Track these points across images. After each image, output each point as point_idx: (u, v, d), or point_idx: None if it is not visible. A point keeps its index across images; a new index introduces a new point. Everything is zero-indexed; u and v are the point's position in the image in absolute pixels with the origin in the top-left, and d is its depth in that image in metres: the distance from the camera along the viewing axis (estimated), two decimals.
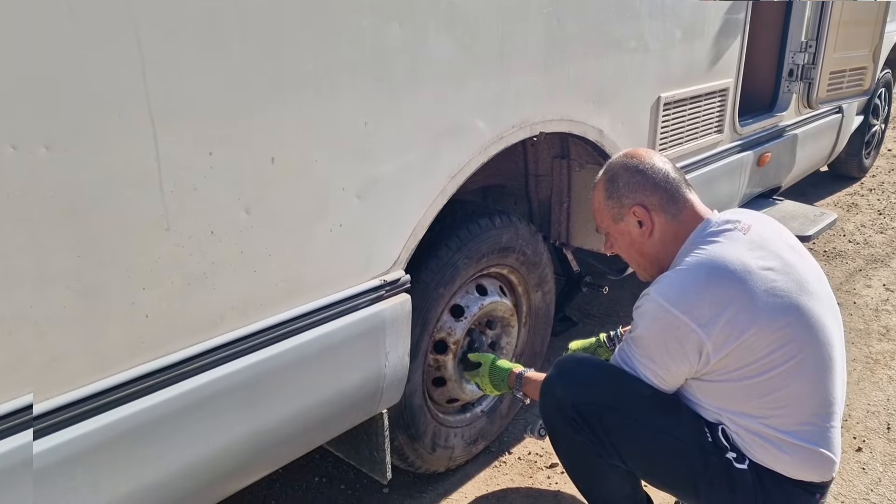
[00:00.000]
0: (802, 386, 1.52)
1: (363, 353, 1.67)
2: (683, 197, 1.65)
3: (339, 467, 2.33)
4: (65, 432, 1.17)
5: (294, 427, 1.57)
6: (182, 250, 1.27)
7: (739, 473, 1.55)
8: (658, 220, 1.64)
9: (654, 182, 1.64)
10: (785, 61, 3.43)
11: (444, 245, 1.96)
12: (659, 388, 1.60)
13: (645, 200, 1.64)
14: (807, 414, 1.53)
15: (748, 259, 1.51)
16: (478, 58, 1.73)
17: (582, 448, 1.67)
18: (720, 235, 1.57)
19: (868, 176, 5.63)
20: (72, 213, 1.11)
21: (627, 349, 1.63)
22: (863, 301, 3.53)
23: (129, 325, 1.23)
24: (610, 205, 1.68)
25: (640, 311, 1.58)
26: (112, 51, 1.11)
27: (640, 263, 1.74)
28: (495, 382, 1.99)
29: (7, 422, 1.09)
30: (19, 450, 1.10)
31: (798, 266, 1.56)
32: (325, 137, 1.45)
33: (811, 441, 1.53)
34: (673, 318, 1.50)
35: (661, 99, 2.49)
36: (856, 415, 2.61)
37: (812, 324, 1.52)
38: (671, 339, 1.52)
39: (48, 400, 1.14)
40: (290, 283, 1.47)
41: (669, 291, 1.52)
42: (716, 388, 1.55)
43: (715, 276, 1.50)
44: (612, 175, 1.69)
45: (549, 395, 1.72)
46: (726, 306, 1.47)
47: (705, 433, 1.57)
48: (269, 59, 1.31)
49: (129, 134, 1.15)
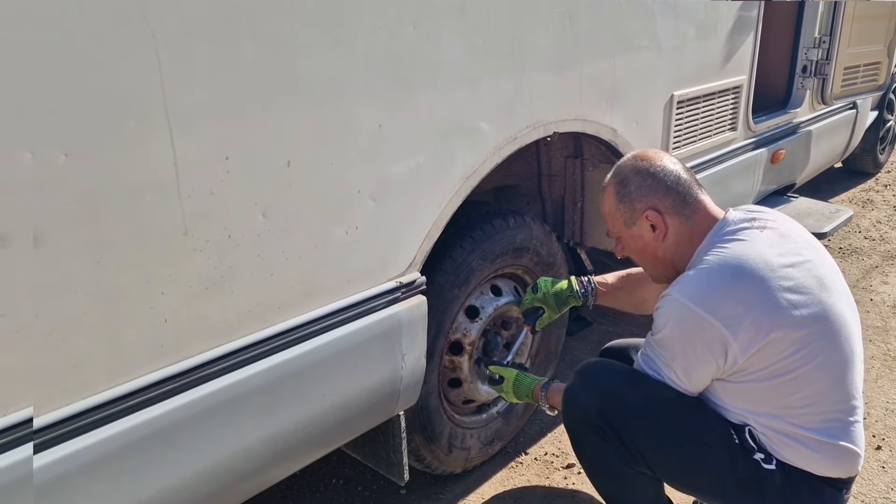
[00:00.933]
0: (826, 383, 1.50)
1: (380, 355, 1.67)
2: (696, 198, 1.62)
3: (356, 469, 2.33)
4: (87, 436, 1.17)
5: (312, 429, 1.57)
6: (200, 254, 1.27)
7: (768, 474, 1.53)
8: (672, 223, 1.62)
9: (665, 185, 1.61)
10: (798, 57, 3.41)
11: (458, 246, 1.96)
12: (684, 391, 1.58)
13: (657, 204, 1.61)
14: (831, 410, 1.52)
15: (770, 257, 1.49)
16: (491, 59, 1.73)
17: (608, 456, 1.65)
18: (739, 234, 1.55)
19: (883, 171, 5.58)
20: (91, 219, 1.12)
21: (651, 352, 1.61)
22: (880, 298, 3.50)
23: (148, 330, 1.23)
24: (622, 209, 1.65)
25: (661, 311, 1.55)
26: (129, 57, 1.11)
27: (653, 267, 1.72)
28: (519, 396, 1.99)
29: (21, 429, 1.10)
30: (27, 460, 1.11)
31: (816, 262, 1.55)
32: (340, 140, 1.45)
33: (836, 437, 1.51)
34: (698, 317, 1.47)
35: (674, 97, 2.47)
36: (875, 413, 2.59)
37: (833, 320, 1.51)
38: (697, 339, 1.49)
39: (70, 405, 1.15)
40: (307, 286, 1.47)
41: (693, 291, 1.50)
42: (741, 389, 1.54)
43: (739, 275, 1.48)
44: (622, 179, 1.65)
45: (572, 405, 1.70)
46: (751, 305, 1.45)
47: (732, 435, 1.56)
48: (283, 63, 1.32)
49: (147, 139, 1.16)
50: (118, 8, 1.09)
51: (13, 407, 1.09)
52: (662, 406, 1.58)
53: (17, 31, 0.99)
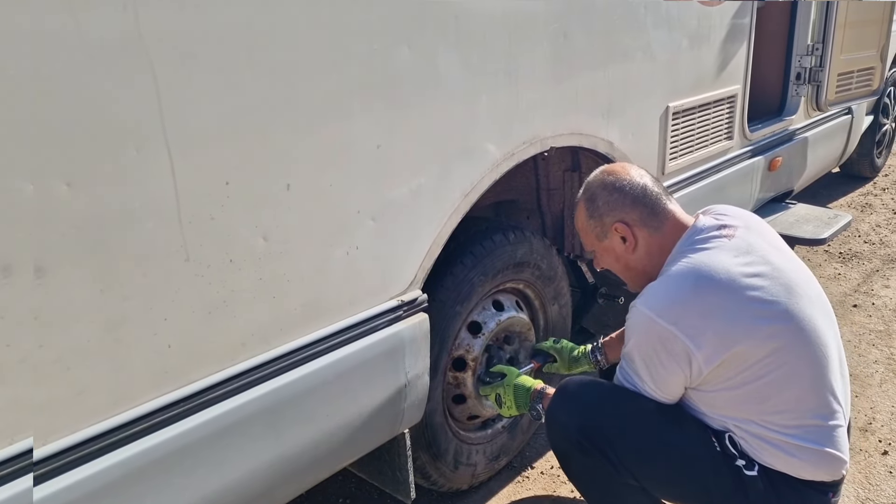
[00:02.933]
0: (799, 388, 1.52)
1: (383, 373, 1.67)
2: (664, 209, 1.66)
3: (362, 488, 2.32)
4: (94, 463, 1.18)
5: (317, 450, 1.57)
6: (202, 280, 1.28)
7: (751, 480, 1.55)
8: (641, 235, 1.65)
9: (632, 197, 1.65)
10: (792, 65, 3.43)
11: (459, 262, 1.96)
12: (660, 400, 1.60)
13: (625, 217, 1.65)
14: (808, 416, 1.53)
15: (734, 266, 1.51)
16: (486, 76, 1.74)
17: (594, 470, 1.66)
18: (707, 243, 1.57)
19: (881, 175, 5.60)
20: (93, 248, 1.13)
21: (625, 364, 1.64)
22: (881, 302, 3.50)
23: (152, 356, 1.24)
24: (592, 224, 1.70)
25: (629, 323, 1.60)
26: (128, 85, 1.12)
27: (629, 277, 1.76)
28: (518, 398, 1.98)
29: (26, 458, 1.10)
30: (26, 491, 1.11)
31: (785, 269, 1.56)
32: (339, 161, 1.46)
33: (816, 441, 1.52)
34: (661, 329, 1.50)
35: (669, 108, 2.49)
36: (880, 418, 2.58)
37: (803, 326, 1.52)
38: (662, 350, 1.52)
39: (76, 433, 1.15)
40: (309, 308, 1.48)
41: (655, 302, 1.53)
42: (714, 397, 1.56)
43: (701, 286, 1.50)
44: (590, 195, 1.70)
45: (554, 422, 1.73)
46: (714, 316, 1.48)
47: (713, 443, 1.57)
48: (281, 87, 1.33)
49: (147, 167, 1.17)
50: (116, 37, 1.10)
51: (16, 437, 1.09)
52: (642, 418, 1.60)
53: (17, 62, 1.00)
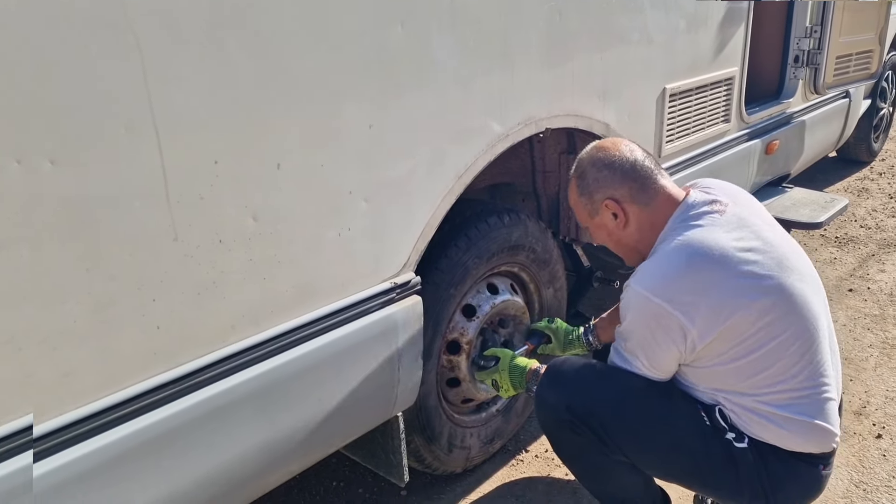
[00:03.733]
0: (791, 361, 1.52)
1: (376, 356, 1.66)
2: (655, 184, 1.64)
3: (356, 471, 2.32)
4: (82, 446, 1.16)
5: (309, 433, 1.56)
6: (191, 260, 1.26)
7: (740, 452, 1.56)
8: (631, 211, 1.64)
9: (622, 173, 1.63)
10: (790, 47, 3.40)
11: (453, 245, 1.95)
12: (653, 378, 1.60)
13: (615, 193, 1.64)
14: (799, 388, 1.54)
15: (727, 242, 1.51)
16: (481, 56, 1.72)
17: (584, 449, 1.67)
18: (699, 219, 1.57)
19: (878, 160, 5.59)
20: (79, 227, 1.11)
21: (619, 343, 1.65)
22: (877, 286, 3.50)
23: (140, 337, 1.22)
24: (583, 201, 1.69)
25: (623, 303, 1.60)
26: (114, 62, 1.10)
27: (622, 252, 1.76)
28: (514, 379, 1.98)
29: (20, 438, 1.09)
30: (23, 470, 1.10)
31: (776, 243, 1.56)
32: (331, 141, 1.44)
33: (806, 414, 1.53)
34: (655, 306, 1.50)
35: (666, 90, 2.47)
36: (875, 401, 2.58)
37: (794, 300, 1.52)
38: (657, 327, 1.52)
39: (63, 415, 1.14)
40: (300, 290, 1.46)
41: (649, 281, 1.53)
42: (707, 372, 1.57)
43: (694, 263, 1.50)
44: (581, 172, 1.69)
45: (542, 403, 1.73)
46: (707, 292, 1.48)
47: (702, 418, 1.58)
48: (271, 65, 1.30)
49: (134, 145, 1.14)
50: (102, 13, 1.07)
51: (7, 417, 1.08)
52: (629, 395, 1.61)
53: (1, 39, 0.98)
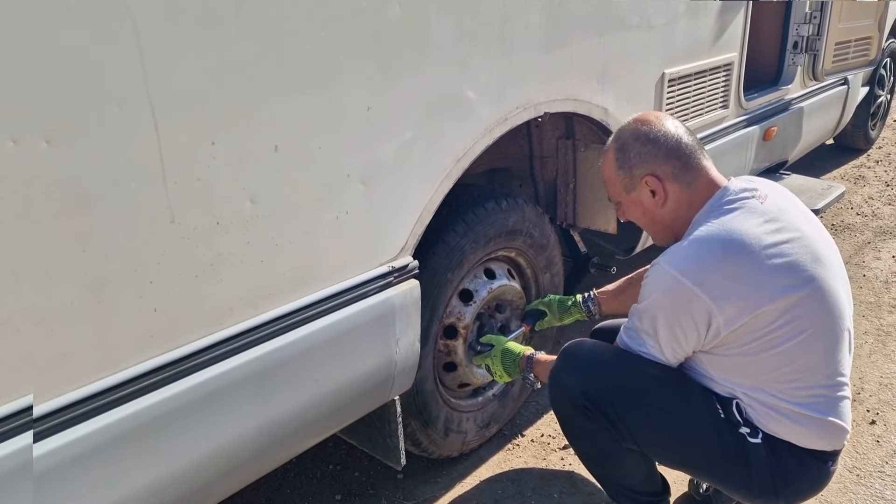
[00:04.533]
0: (814, 358, 1.51)
1: (373, 340, 1.66)
2: (698, 164, 1.60)
3: (352, 455, 2.33)
4: (78, 428, 1.16)
5: (306, 416, 1.56)
6: (188, 242, 1.25)
7: (753, 448, 1.54)
8: (672, 190, 1.60)
9: (666, 150, 1.58)
10: (789, 33, 3.39)
11: (451, 230, 1.94)
12: (663, 362, 1.58)
13: (657, 170, 1.59)
14: (818, 386, 1.52)
15: (764, 231, 1.48)
16: (479, 39, 1.70)
17: (595, 434, 1.66)
18: (736, 205, 1.53)
19: (875, 147, 5.58)
20: (75, 208, 1.10)
21: (635, 321, 1.60)
22: (872, 274, 3.51)
23: (137, 320, 1.22)
24: (621, 175, 1.64)
25: (648, 280, 1.55)
26: (110, 42, 1.09)
27: (653, 230, 1.72)
28: (507, 366, 1.98)
29: (18, 419, 1.09)
30: (21, 451, 1.10)
31: (814, 237, 1.54)
32: (328, 123, 1.43)
33: (823, 412, 1.52)
34: (685, 289, 1.46)
35: (665, 75, 2.46)
36: (869, 388, 2.60)
37: (825, 297, 1.50)
38: (682, 310, 1.49)
39: (60, 397, 1.14)
40: (298, 273, 1.45)
41: (682, 263, 1.49)
42: (727, 361, 1.54)
43: (731, 249, 1.46)
44: (622, 144, 1.63)
45: (557, 385, 1.71)
46: (740, 280, 1.45)
47: (717, 410, 1.56)
48: (268, 46, 1.29)
49: (130, 125, 1.13)
50: None
51: (5, 398, 1.07)
52: (646, 383, 1.59)
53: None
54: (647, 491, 1.77)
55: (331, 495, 2.16)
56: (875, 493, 2.11)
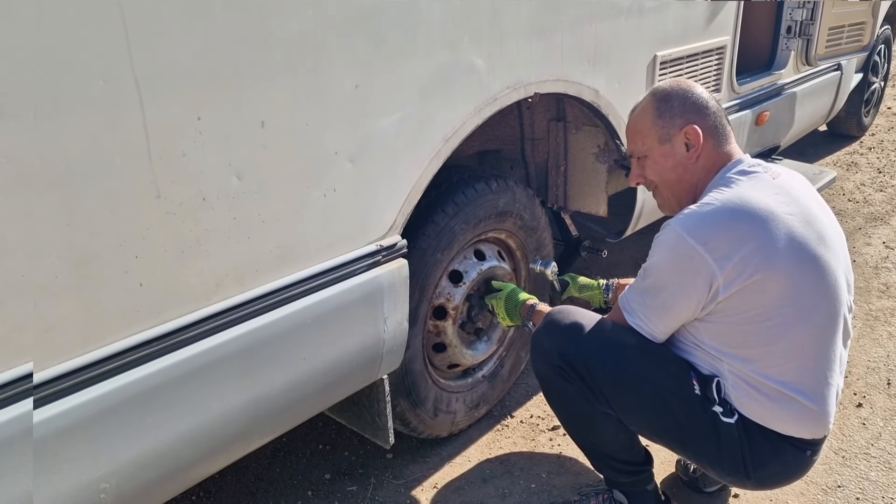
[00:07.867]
0: (808, 338, 1.52)
1: (361, 319, 1.66)
2: (727, 130, 1.67)
3: (342, 434, 2.34)
4: (63, 401, 1.16)
5: (293, 394, 1.57)
6: (174, 218, 1.25)
7: (725, 427, 1.56)
8: (707, 146, 1.64)
9: (707, 107, 1.65)
10: (783, 17, 3.38)
11: (440, 210, 1.94)
12: (650, 336, 1.59)
13: (699, 122, 1.63)
14: (808, 368, 1.53)
15: (773, 203, 1.50)
16: (469, 17, 1.70)
17: (572, 397, 1.69)
18: (748, 176, 1.57)
19: (867, 134, 5.59)
20: (60, 182, 1.09)
21: (639, 279, 1.62)
22: (862, 259, 3.52)
23: (123, 294, 1.22)
24: (660, 124, 1.66)
25: (658, 239, 1.58)
26: (94, 16, 1.08)
27: (672, 191, 1.71)
28: (509, 309, 2.04)
29: (6, 391, 1.09)
30: (19, 419, 1.10)
31: (820, 219, 1.56)
32: (316, 100, 1.42)
33: (808, 396, 1.53)
34: (689, 247, 1.49)
35: (657, 58, 2.45)
36: (856, 371, 2.62)
37: (827, 277, 1.51)
38: (685, 268, 1.51)
39: (45, 370, 1.14)
40: (285, 250, 1.45)
41: (690, 224, 1.51)
42: (720, 329, 1.54)
43: (738, 215, 1.49)
44: (664, 95, 1.67)
45: (537, 347, 1.75)
46: (744, 244, 1.46)
47: (692, 385, 1.58)
48: (254, 21, 1.28)
49: (114, 100, 1.13)
50: None
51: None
52: (623, 350, 1.62)
53: None
54: (628, 460, 1.79)
55: (320, 474, 2.17)
56: (860, 474, 2.13)
